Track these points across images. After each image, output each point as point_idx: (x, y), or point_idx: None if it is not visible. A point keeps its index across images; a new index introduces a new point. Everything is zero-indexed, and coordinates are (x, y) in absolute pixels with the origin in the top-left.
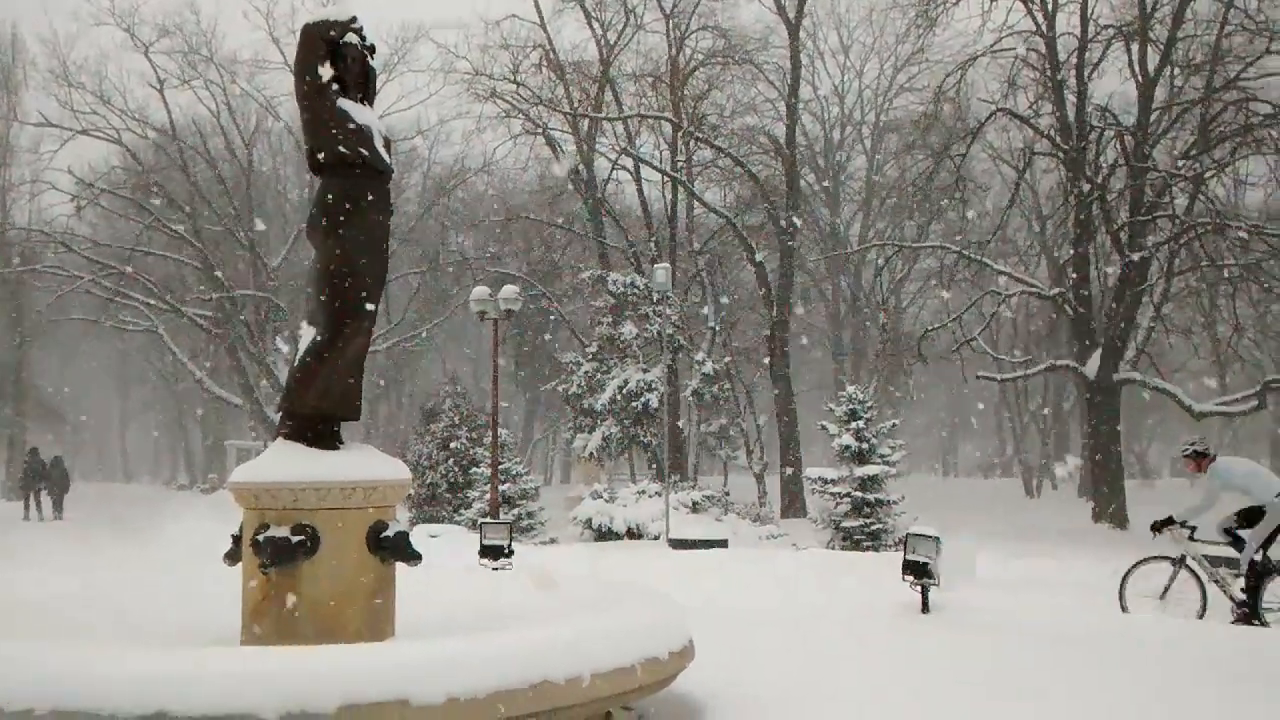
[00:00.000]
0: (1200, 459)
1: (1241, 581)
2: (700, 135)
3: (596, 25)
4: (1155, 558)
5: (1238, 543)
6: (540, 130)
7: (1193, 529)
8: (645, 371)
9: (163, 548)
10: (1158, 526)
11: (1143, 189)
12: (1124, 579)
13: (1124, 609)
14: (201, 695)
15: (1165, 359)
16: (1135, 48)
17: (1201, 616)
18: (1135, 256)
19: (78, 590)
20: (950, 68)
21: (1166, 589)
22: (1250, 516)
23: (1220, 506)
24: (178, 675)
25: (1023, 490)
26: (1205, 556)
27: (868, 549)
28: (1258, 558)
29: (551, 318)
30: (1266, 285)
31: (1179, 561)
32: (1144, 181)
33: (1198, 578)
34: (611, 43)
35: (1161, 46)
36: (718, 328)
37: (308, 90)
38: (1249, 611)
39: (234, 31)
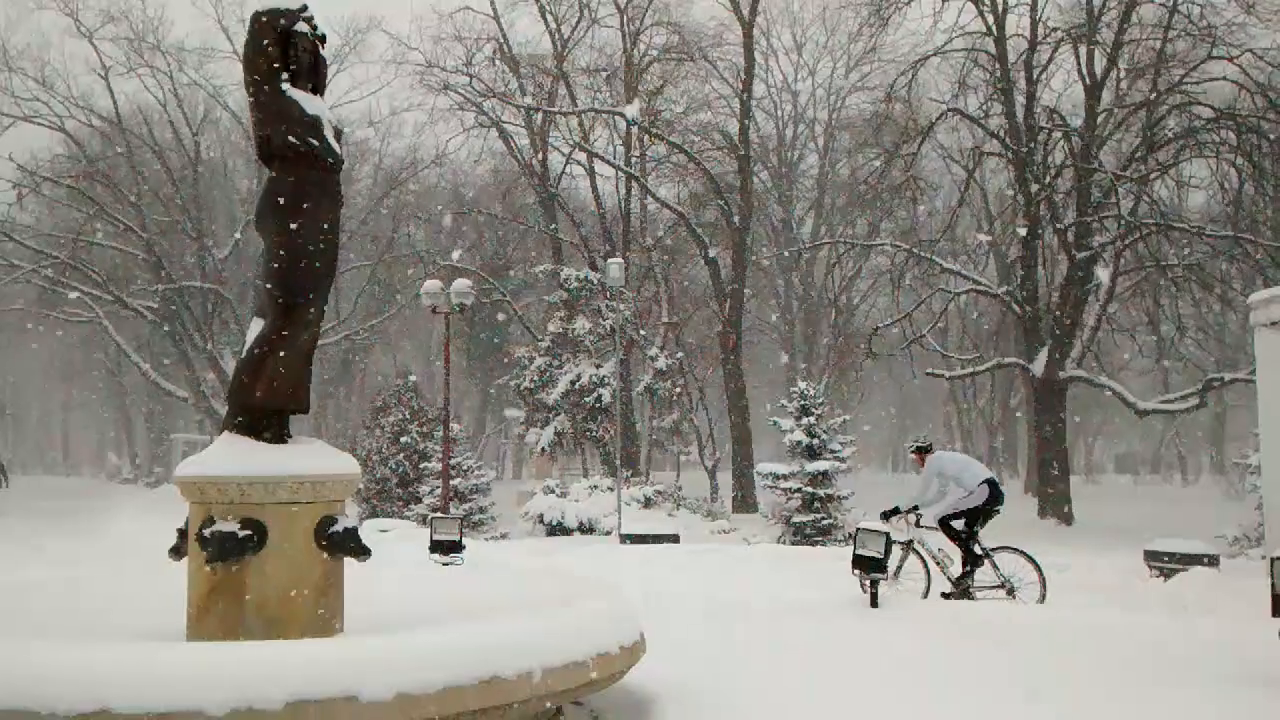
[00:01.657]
0: (922, 453)
1: (956, 566)
2: (654, 131)
3: (550, 19)
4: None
5: (948, 528)
6: (493, 124)
7: (919, 515)
8: (598, 367)
9: (104, 541)
10: (886, 515)
11: (1089, 190)
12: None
13: (864, 589)
14: (146, 692)
15: (1110, 357)
16: (1083, 51)
17: (926, 595)
18: (1081, 256)
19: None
20: (902, 67)
21: (898, 569)
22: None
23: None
24: (121, 671)
25: None
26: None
27: (818, 544)
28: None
29: (502, 316)
30: (1208, 285)
31: (907, 545)
32: (1090, 182)
33: (923, 559)
34: (565, 37)
35: (1108, 50)
36: (671, 323)
37: (257, 79)
38: (965, 573)
39: (181, 19)
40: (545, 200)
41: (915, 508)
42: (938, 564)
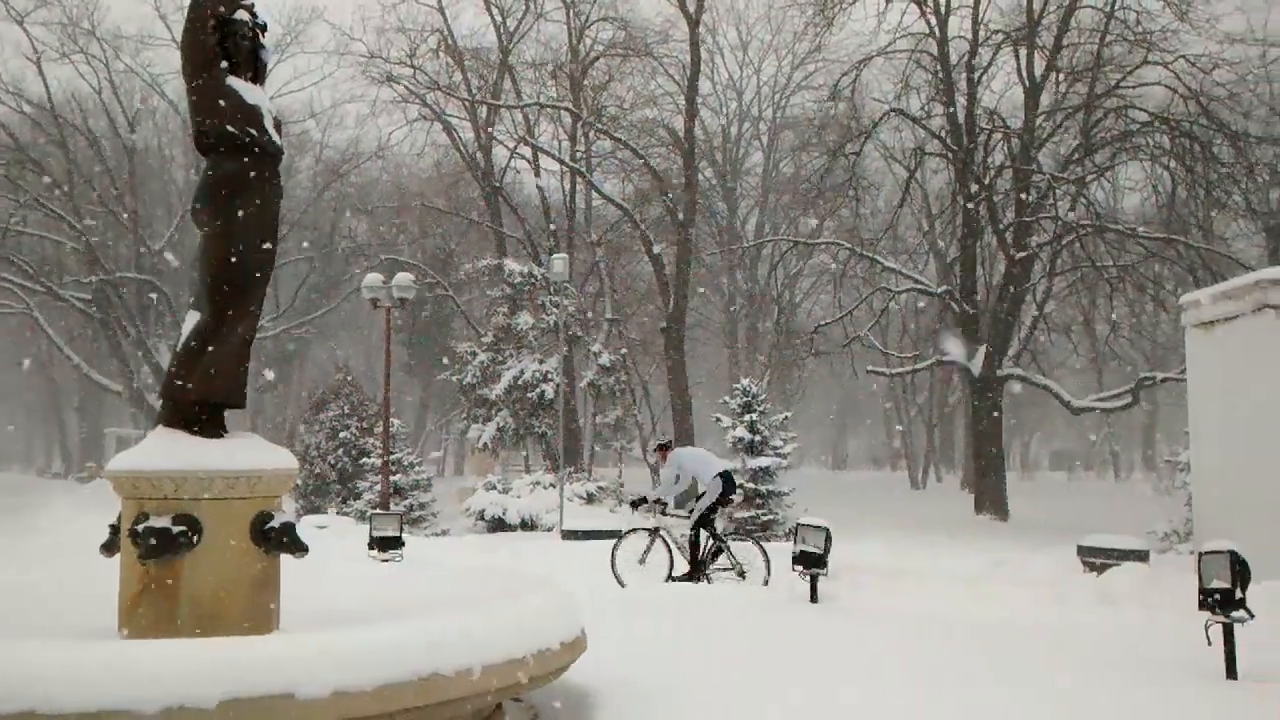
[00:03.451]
0: (664, 449)
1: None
2: (599, 126)
3: (496, 12)
4: (637, 530)
5: (697, 529)
6: (437, 117)
7: (664, 505)
8: (541, 362)
9: (33, 538)
10: (635, 504)
11: (1027, 191)
12: (615, 548)
13: (615, 573)
14: (75, 692)
15: (1046, 356)
16: (1023, 53)
17: (669, 578)
18: (1019, 256)
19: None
20: (846, 67)
21: (645, 554)
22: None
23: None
24: (48, 670)
25: (909, 483)
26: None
27: (759, 539)
28: (703, 531)
29: (447, 310)
30: (1141, 286)
31: (654, 532)
32: (1029, 184)
33: (667, 545)
34: (511, 30)
35: (1048, 53)
36: (614, 319)
37: (195, 67)
38: (694, 571)
39: (118, 4)
40: (489, 194)
41: (660, 499)
42: (680, 550)
